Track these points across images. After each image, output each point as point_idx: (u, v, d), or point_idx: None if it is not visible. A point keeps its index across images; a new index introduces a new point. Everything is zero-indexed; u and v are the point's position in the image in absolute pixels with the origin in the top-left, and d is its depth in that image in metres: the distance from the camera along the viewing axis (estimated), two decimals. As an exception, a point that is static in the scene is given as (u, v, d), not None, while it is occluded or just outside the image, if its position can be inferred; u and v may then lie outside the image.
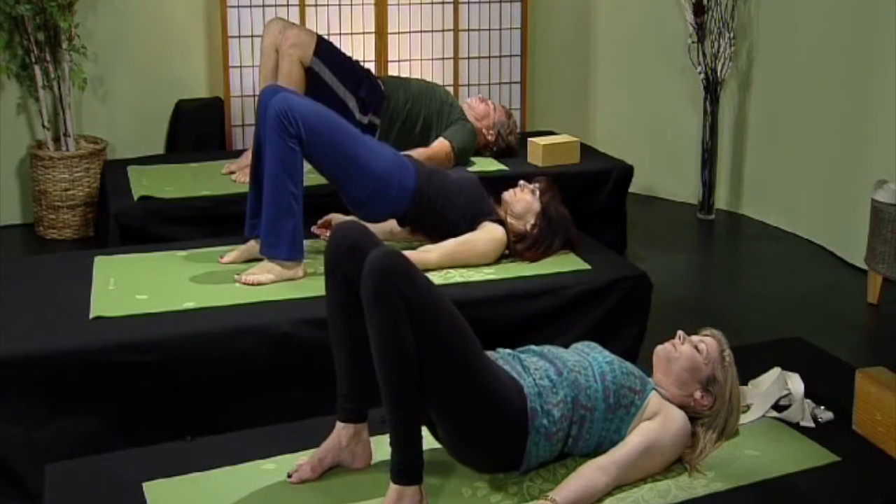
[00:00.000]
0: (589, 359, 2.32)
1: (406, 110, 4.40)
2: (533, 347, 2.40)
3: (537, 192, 3.42)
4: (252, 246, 3.35)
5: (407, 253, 3.19)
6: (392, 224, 3.52)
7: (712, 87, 5.10)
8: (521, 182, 3.48)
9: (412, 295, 2.06)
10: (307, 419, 2.54)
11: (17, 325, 2.85)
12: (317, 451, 2.28)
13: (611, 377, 2.27)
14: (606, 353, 2.37)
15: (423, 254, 3.29)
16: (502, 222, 3.40)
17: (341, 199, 3.41)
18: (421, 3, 5.18)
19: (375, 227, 3.43)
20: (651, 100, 5.53)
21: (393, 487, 2.08)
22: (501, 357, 2.33)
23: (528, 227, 3.41)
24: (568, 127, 5.29)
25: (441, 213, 3.36)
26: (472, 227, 3.38)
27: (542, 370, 2.26)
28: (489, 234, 3.37)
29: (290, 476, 2.25)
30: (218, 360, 2.86)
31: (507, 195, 3.45)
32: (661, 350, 2.39)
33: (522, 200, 3.41)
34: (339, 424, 2.28)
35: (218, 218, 4.01)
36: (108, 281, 3.20)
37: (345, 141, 3.28)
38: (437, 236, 3.40)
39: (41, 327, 2.84)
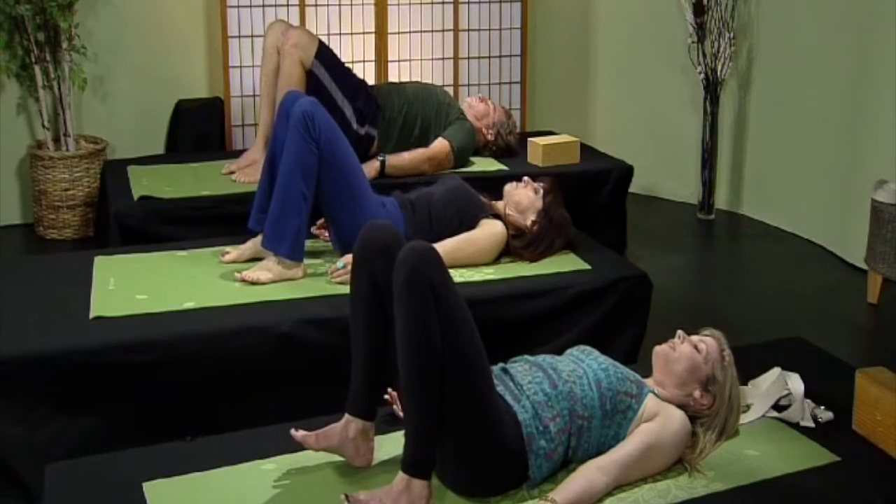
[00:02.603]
0: (583, 366, 2.31)
1: (402, 115, 4.41)
2: (527, 357, 2.39)
3: (541, 192, 3.42)
4: (253, 245, 3.35)
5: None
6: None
7: (712, 87, 5.10)
8: (526, 178, 3.48)
9: (442, 291, 2.07)
10: (307, 419, 2.53)
11: (17, 325, 2.85)
12: (325, 428, 2.26)
13: (606, 384, 2.27)
14: (601, 358, 2.36)
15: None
16: (499, 216, 3.40)
17: (330, 233, 3.39)
18: (421, 3, 5.18)
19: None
20: (651, 100, 5.53)
21: (402, 475, 2.08)
22: (496, 376, 2.31)
23: (529, 223, 3.41)
24: (568, 127, 5.30)
25: (437, 233, 3.36)
26: (471, 228, 3.38)
27: (535, 384, 2.26)
28: (489, 230, 3.37)
29: (295, 430, 2.25)
30: (218, 360, 2.86)
31: (510, 187, 3.46)
32: (659, 350, 2.39)
33: (525, 196, 3.42)
34: (347, 417, 2.27)
35: (218, 218, 4.00)
36: (108, 281, 3.20)
37: (355, 171, 3.31)
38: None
39: (41, 327, 2.84)
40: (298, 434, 2.24)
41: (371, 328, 2.25)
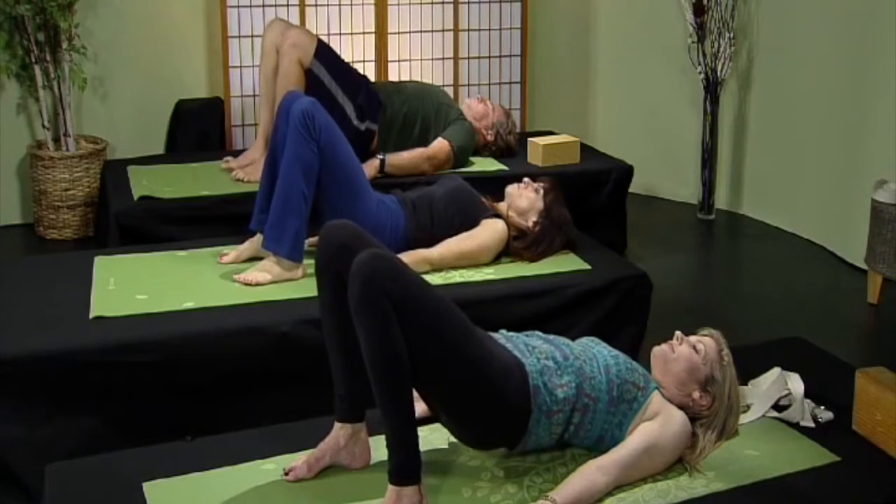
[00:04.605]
0: (594, 351, 2.33)
1: (402, 114, 4.40)
2: (538, 333, 2.40)
3: (541, 192, 3.42)
4: (252, 245, 3.35)
5: (407, 252, 3.21)
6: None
7: (712, 87, 5.10)
8: (526, 179, 3.49)
9: (399, 295, 2.05)
10: (307, 419, 2.54)
11: (17, 325, 2.85)
12: (314, 451, 2.28)
13: (615, 371, 2.27)
14: (610, 348, 2.38)
15: (424, 252, 3.29)
16: (501, 217, 3.40)
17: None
18: (421, 3, 5.18)
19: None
20: (651, 100, 5.53)
21: (391, 488, 2.08)
22: (504, 336, 2.33)
23: (530, 224, 3.41)
24: (568, 127, 5.29)
25: (437, 231, 3.36)
26: (472, 228, 3.38)
27: (546, 352, 2.27)
28: (490, 228, 3.38)
29: (286, 473, 2.25)
30: (218, 360, 2.86)
31: (512, 188, 3.46)
32: (657, 351, 2.39)
33: (526, 197, 3.42)
34: (336, 425, 2.29)
35: (218, 218, 4.00)
36: (108, 281, 3.20)
37: (355, 171, 3.32)
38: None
39: (41, 327, 2.84)
40: (290, 476, 2.24)
41: (344, 332, 2.24)
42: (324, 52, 4.36)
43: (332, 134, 3.25)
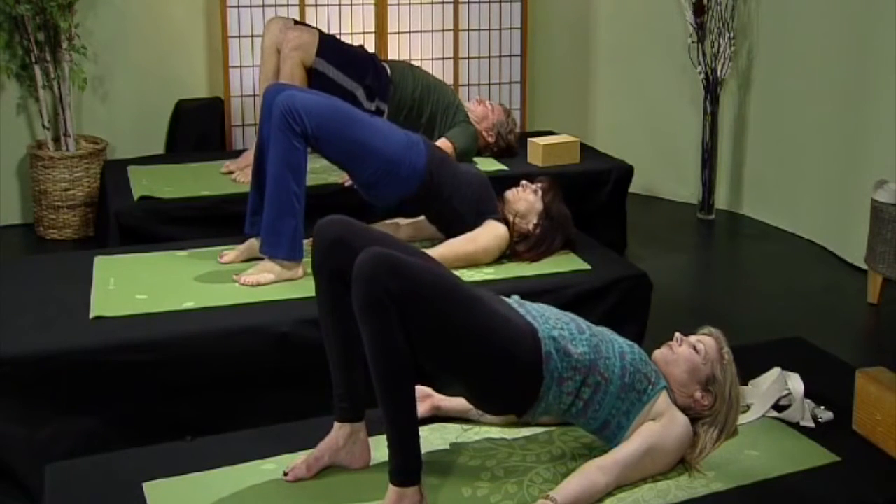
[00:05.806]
0: (610, 337, 2.34)
1: (413, 99, 4.39)
2: (553, 307, 2.39)
3: (539, 192, 3.43)
4: (251, 245, 3.35)
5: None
6: (395, 222, 3.54)
7: (712, 87, 5.10)
8: (524, 182, 3.49)
9: (401, 291, 2.04)
10: (307, 419, 2.54)
11: (17, 325, 2.85)
12: (314, 451, 2.28)
13: (629, 359, 2.28)
14: (625, 339, 2.38)
15: (426, 252, 3.30)
16: (507, 222, 3.41)
17: (354, 183, 3.47)
18: (421, 3, 5.18)
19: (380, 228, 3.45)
20: (651, 100, 5.53)
21: (392, 489, 2.09)
22: (517, 302, 2.34)
23: (531, 226, 3.41)
24: (568, 127, 5.29)
25: (448, 202, 3.37)
26: (477, 223, 3.39)
27: (563, 322, 2.27)
28: (492, 230, 3.39)
29: (285, 474, 2.25)
30: (218, 360, 2.86)
31: (510, 194, 3.46)
32: (657, 354, 2.39)
33: (525, 200, 3.42)
34: (335, 425, 2.29)
35: (218, 218, 4.01)
36: (108, 281, 3.20)
37: (353, 127, 3.29)
38: (442, 225, 3.41)
39: (41, 327, 2.85)
40: (290, 476, 2.25)
41: (342, 331, 2.25)
42: (325, 47, 4.32)
43: (316, 111, 3.21)
